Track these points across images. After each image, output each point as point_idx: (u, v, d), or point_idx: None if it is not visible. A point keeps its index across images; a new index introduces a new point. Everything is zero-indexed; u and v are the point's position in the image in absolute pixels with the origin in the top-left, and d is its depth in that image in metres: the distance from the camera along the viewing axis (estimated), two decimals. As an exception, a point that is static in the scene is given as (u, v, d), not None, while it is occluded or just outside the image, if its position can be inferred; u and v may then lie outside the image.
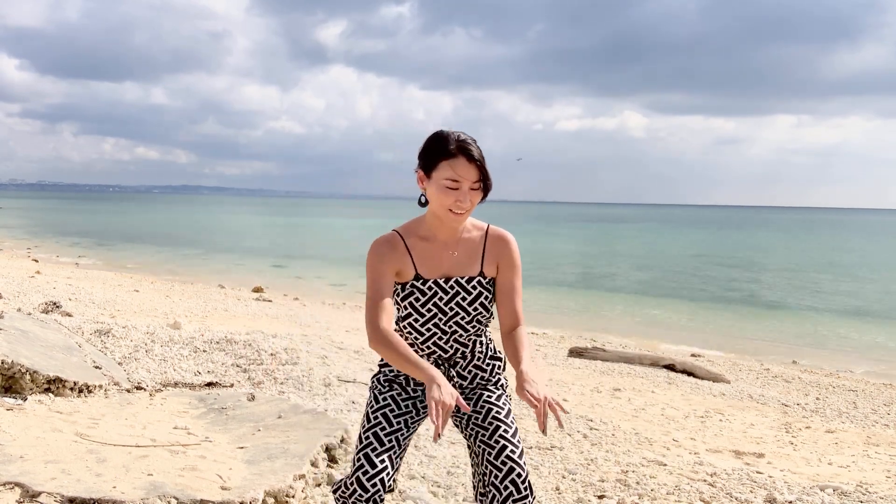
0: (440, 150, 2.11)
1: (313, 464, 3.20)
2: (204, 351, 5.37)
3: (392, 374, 2.29)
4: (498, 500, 2.05)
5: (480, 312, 2.22)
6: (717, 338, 12.49)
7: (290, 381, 4.75)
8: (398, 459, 2.12)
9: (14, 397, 3.71)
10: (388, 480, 2.07)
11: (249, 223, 62.76)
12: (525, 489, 2.05)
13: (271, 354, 5.27)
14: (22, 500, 2.58)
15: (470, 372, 2.27)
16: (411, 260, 2.22)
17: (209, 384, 4.55)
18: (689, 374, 8.14)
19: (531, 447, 4.07)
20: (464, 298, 2.20)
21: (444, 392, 1.91)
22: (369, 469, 2.03)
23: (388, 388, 2.25)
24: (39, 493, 2.60)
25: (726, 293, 19.65)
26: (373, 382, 2.31)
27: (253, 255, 27.59)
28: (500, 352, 2.31)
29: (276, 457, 3.17)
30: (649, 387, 6.93)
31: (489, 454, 2.10)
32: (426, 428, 4.17)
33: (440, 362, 2.26)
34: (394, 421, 2.15)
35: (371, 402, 2.23)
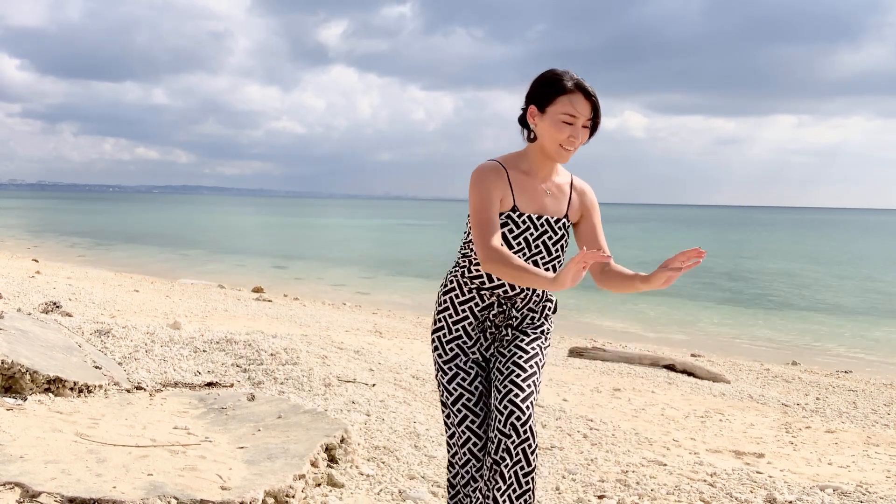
0: (558, 85, 2.15)
1: (313, 464, 3.20)
2: (204, 351, 5.37)
3: (451, 333, 2.29)
4: (494, 446, 2.07)
5: (558, 255, 2.27)
6: (718, 338, 12.48)
7: (290, 381, 4.75)
8: (486, 422, 2.22)
9: (14, 397, 3.71)
10: (483, 439, 2.21)
11: (249, 223, 62.76)
12: (525, 433, 2.06)
13: (271, 354, 5.27)
14: (22, 500, 2.58)
15: (522, 313, 2.30)
16: (511, 191, 2.23)
17: (209, 384, 4.55)
18: (689, 374, 8.14)
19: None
20: (549, 238, 2.24)
21: (571, 265, 1.93)
22: (478, 441, 2.19)
23: (451, 355, 2.28)
24: (39, 493, 2.60)
25: (726, 293, 19.66)
26: (434, 345, 2.33)
27: (253, 255, 27.59)
28: (552, 294, 2.34)
29: (276, 457, 3.17)
30: (649, 387, 6.93)
31: (495, 398, 2.13)
32: (426, 428, 4.17)
33: (503, 300, 2.27)
34: (473, 389, 2.23)
35: (441, 371, 2.28)
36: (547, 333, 2.32)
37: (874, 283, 23.42)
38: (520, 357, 2.19)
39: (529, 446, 2.06)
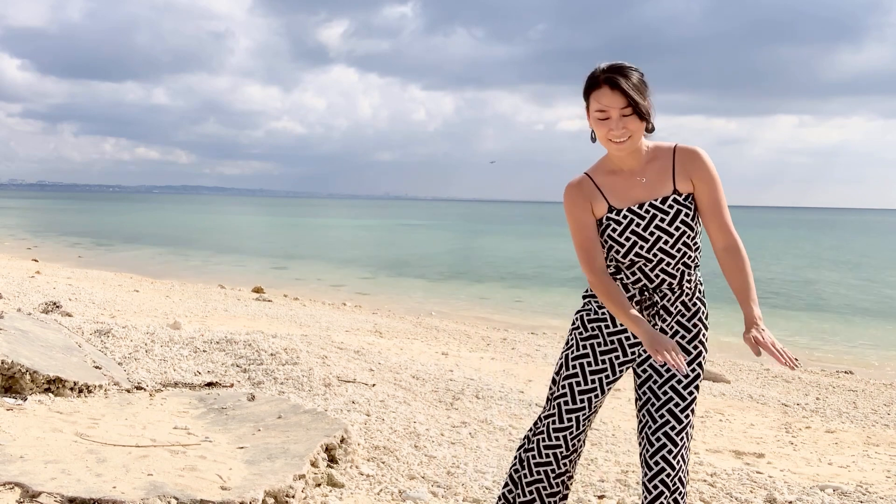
0: (587, 84, 2.13)
1: (313, 464, 3.20)
2: (204, 351, 5.37)
3: (596, 314, 2.26)
4: (646, 495, 2.11)
5: (684, 232, 2.17)
6: (717, 338, 12.48)
7: (290, 381, 4.75)
8: (587, 422, 2.22)
9: (14, 397, 3.71)
10: (572, 440, 2.20)
11: (249, 223, 62.76)
12: (674, 487, 2.08)
13: (271, 354, 5.27)
14: (22, 500, 2.58)
15: (675, 308, 2.22)
16: (601, 195, 2.20)
17: (209, 384, 4.55)
18: (690, 374, 8.14)
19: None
20: (662, 220, 2.16)
21: (666, 341, 1.96)
22: (559, 423, 2.20)
23: (589, 334, 2.25)
24: (39, 493, 2.60)
25: (727, 293, 19.63)
26: (575, 321, 2.31)
27: (253, 255, 27.58)
28: (705, 294, 2.29)
29: (276, 457, 3.17)
30: (649, 387, 6.92)
31: (647, 441, 2.13)
32: (426, 428, 4.17)
33: (647, 293, 2.21)
34: (589, 378, 2.21)
35: (572, 345, 2.26)
36: (705, 344, 2.24)
37: (875, 283, 23.41)
38: (676, 405, 2.13)
39: (680, 495, 2.11)
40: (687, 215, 2.16)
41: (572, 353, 2.24)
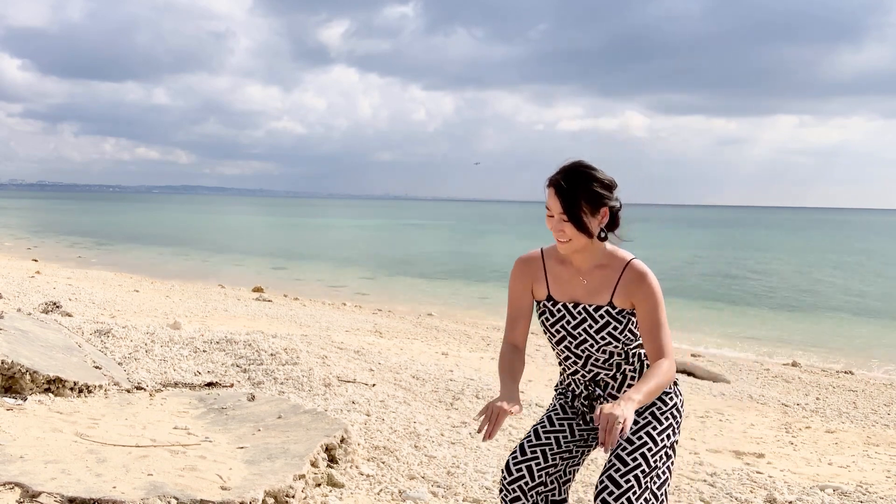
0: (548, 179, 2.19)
1: (313, 464, 3.20)
2: (204, 351, 5.37)
3: (562, 395, 2.37)
4: None
5: (609, 342, 2.19)
6: (717, 338, 12.48)
7: (290, 381, 4.75)
8: (556, 458, 2.18)
9: (14, 397, 3.71)
10: (539, 471, 2.14)
11: (249, 223, 62.78)
12: None
13: (271, 354, 5.27)
14: (22, 500, 2.58)
15: (624, 392, 2.20)
16: (546, 280, 2.26)
17: (209, 384, 4.55)
18: (689, 374, 8.14)
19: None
20: (591, 326, 2.20)
21: (502, 401, 2.02)
22: (519, 456, 2.17)
23: (561, 398, 2.36)
24: (39, 493, 2.60)
25: (727, 293, 19.66)
26: (557, 388, 2.43)
27: (253, 255, 27.59)
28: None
29: (276, 457, 3.17)
30: (649, 387, 6.92)
31: (596, 488, 2.09)
32: (426, 428, 4.17)
33: (587, 383, 2.28)
34: (556, 422, 2.26)
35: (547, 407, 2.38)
36: (662, 421, 2.16)
37: (875, 283, 23.41)
38: (623, 448, 2.10)
39: None
40: (616, 328, 2.18)
41: (547, 409, 2.36)
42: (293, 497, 2.89)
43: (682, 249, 38.16)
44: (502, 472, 2.17)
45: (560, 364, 2.33)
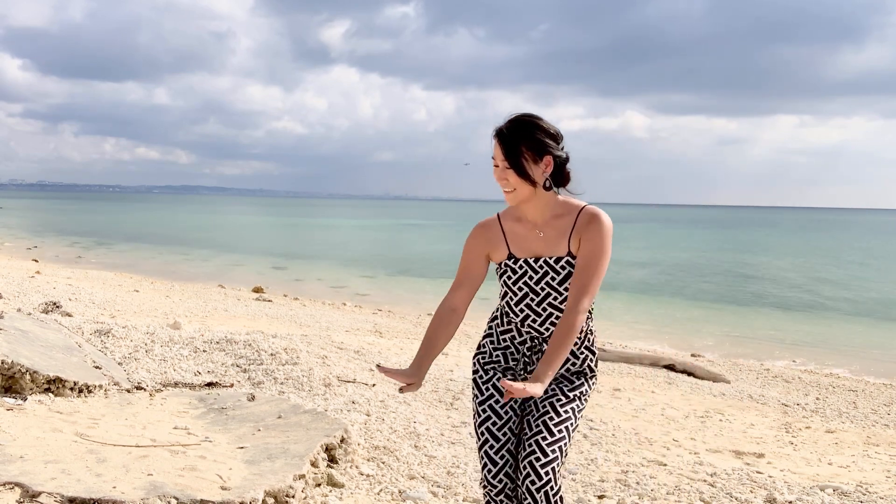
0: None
1: (313, 464, 3.20)
2: (204, 351, 5.37)
3: (490, 356, 2.33)
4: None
5: None
6: (717, 338, 12.48)
7: (290, 381, 4.75)
8: (516, 447, 2.21)
9: (14, 397, 3.71)
10: (515, 472, 2.17)
11: (249, 223, 62.77)
12: (541, 498, 2.06)
13: (271, 354, 5.27)
14: (22, 500, 2.58)
15: (534, 372, 2.22)
16: (505, 241, 2.26)
17: (209, 384, 4.55)
18: (689, 374, 8.14)
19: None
20: (553, 279, 2.20)
21: (403, 374, 2.16)
22: (492, 467, 2.18)
23: (488, 375, 2.31)
24: (39, 493, 2.60)
25: (727, 293, 19.66)
26: (474, 367, 2.36)
27: (253, 255, 27.59)
28: (595, 345, 2.29)
29: (276, 457, 3.17)
30: (649, 387, 6.93)
31: (520, 454, 2.14)
32: (426, 428, 4.17)
33: (536, 341, 2.26)
34: (501, 412, 2.24)
35: (475, 393, 2.31)
36: (585, 395, 2.25)
37: (875, 283, 23.41)
38: (551, 419, 2.15)
39: None
40: None
41: (478, 399, 2.30)
42: (293, 497, 2.89)
43: (683, 249, 38.17)
44: (484, 486, 2.19)
45: (506, 322, 2.30)
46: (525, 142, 2.13)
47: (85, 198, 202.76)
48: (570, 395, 2.21)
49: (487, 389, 2.28)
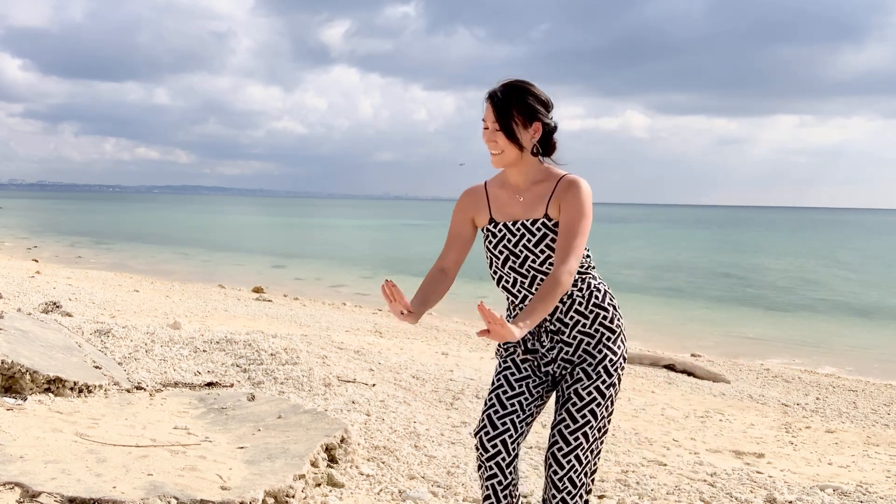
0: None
1: (313, 464, 3.20)
2: (204, 351, 5.37)
3: (507, 352, 2.35)
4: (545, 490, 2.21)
5: (549, 255, 2.22)
6: (718, 338, 12.48)
7: (290, 381, 4.75)
8: (523, 424, 2.22)
9: (14, 397, 3.71)
10: (513, 443, 2.18)
11: (249, 223, 62.77)
12: (564, 487, 2.15)
13: (271, 354, 5.27)
14: (22, 500, 2.58)
15: (570, 317, 2.24)
16: (488, 205, 2.32)
17: (209, 384, 4.55)
18: (689, 374, 8.14)
19: (531, 447, 4.07)
20: (529, 241, 2.23)
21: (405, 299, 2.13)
22: (490, 430, 2.19)
23: (507, 352, 2.34)
24: (39, 493, 2.60)
25: (727, 293, 19.65)
26: (497, 351, 2.41)
27: (253, 255, 27.59)
28: (608, 302, 2.26)
29: (276, 457, 3.17)
30: (649, 387, 6.93)
31: (548, 448, 2.21)
32: (426, 428, 4.17)
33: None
34: (515, 384, 2.25)
35: (496, 367, 2.35)
36: (611, 371, 2.21)
37: (875, 283, 23.41)
38: (574, 404, 2.18)
39: (570, 497, 2.16)
40: (553, 240, 2.21)
41: (496, 371, 2.33)
42: (293, 497, 2.89)
43: (683, 249, 38.16)
44: (477, 449, 2.20)
45: (507, 295, 2.32)
46: (517, 106, 2.18)
47: (85, 198, 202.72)
48: (592, 375, 2.20)
49: (506, 362, 2.32)
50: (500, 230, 2.28)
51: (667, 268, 26.44)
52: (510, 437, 2.18)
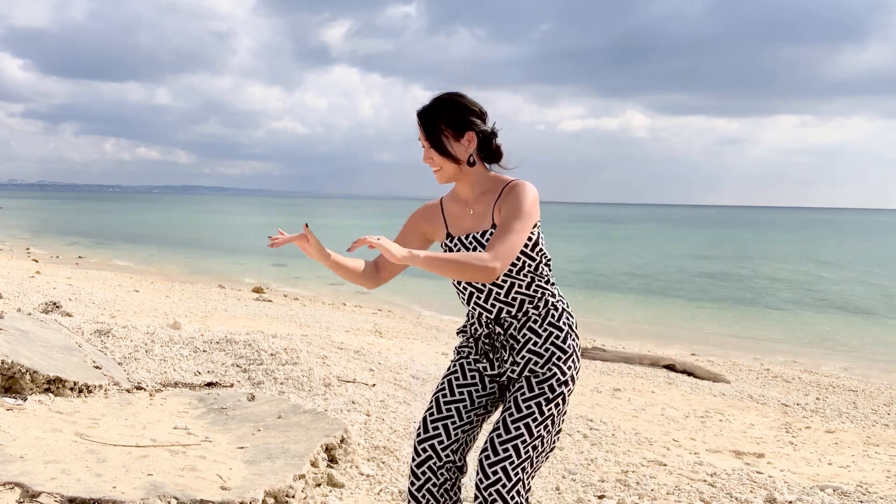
0: None
1: (313, 464, 3.20)
2: (204, 351, 5.37)
3: (464, 342, 2.32)
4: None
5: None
6: (718, 338, 12.48)
7: (290, 381, 4.75)
8: (458, 431, 2.16)
9: (14, 397, 3.71)
10: (445, 451, 2.13)
11: (250, 223, 62.76)
12: (488, 498, 2.01)
13: (271, 354, 5.27)
14: (22, 500, 2.58)
15: (524, 336, 2.17)
16: (444, 221, 2.29)
17: (209, 384, 4.55)
18: (689, 374, 8.14)
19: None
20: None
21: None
22: (423, 434, 2.16)
23: (458, 356, 2.31)
24: (39, 493, 2.60)
25: (727, 293, 19.65)
26: (455, 349, 2.39)
27: (253, 255, 27.58)
28: (564, 322, 2.19)
29: (276, 457, 3.17)
30: (649, 387, 6.93)
31: (479, 453, 2.11)
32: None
33: (490, 325, 2.22)
34: (457, 390, 2.22)
35: (446, 369, 2.33)
36: (556, 389, 2.10)
37: (875, 283, 23.41)
38: (510, 414, 2.08)
39: None
40: None
41: (444, 374, 2.30)
42: (293, 497, 2.89)
43: (683, 249, 38.15)
44: (412, 454, 2.17)
45: (467, 306, 2.29)
46: (444, 119, 2.14)
47: (85, 198, 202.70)
48: (536, 388, 2.10)
49: (452, 366, 2.29)
50: (455, 244, 2.23)
51: (667, 268, 26.44)
52: (440, 442, 2.13)
